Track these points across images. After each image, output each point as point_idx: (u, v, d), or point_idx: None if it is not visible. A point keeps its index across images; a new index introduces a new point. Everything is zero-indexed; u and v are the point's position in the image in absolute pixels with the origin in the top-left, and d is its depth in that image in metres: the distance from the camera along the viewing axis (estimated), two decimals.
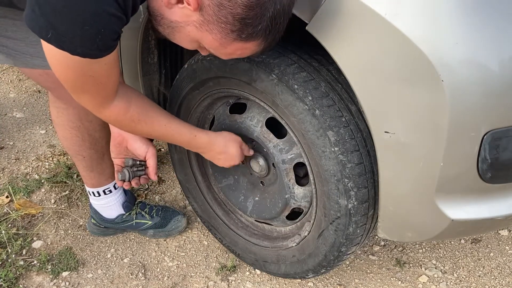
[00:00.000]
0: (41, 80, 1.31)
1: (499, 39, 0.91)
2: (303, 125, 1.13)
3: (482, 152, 0.97)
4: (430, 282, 1.55)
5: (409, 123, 0.99)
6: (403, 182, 1.07)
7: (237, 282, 1.56)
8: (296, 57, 1.15)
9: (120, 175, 1.31)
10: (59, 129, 1.46)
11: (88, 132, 1.44)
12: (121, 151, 1.31)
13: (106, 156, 1.52)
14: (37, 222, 1.76)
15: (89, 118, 1.41)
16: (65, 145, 1.50)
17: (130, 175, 1.32)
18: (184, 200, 1.86)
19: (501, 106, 0.94)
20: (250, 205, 1.45)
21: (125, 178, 1.31)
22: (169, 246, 1.68)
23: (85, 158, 1.50)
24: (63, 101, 1.38)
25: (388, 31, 0.92)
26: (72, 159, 1.54)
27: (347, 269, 1.59)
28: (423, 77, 0.92)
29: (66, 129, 1.43)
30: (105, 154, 1.51)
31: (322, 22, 1.00)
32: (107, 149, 1.51)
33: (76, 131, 1.43)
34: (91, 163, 1.52)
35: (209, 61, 1.26)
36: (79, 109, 1.37)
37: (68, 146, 1.49)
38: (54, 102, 1.41)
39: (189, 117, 1.45)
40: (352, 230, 1.19)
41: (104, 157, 1.52)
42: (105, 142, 1.49)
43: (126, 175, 1.31)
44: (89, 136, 1.45)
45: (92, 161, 1.51)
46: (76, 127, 1.43)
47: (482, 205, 1.06)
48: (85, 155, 1.49)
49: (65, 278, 1.56)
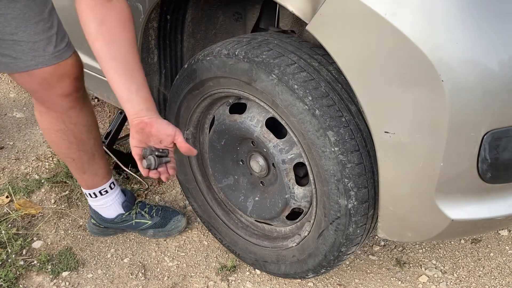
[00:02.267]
0: (24, 83, 1.29)
1: (499, 39, 0.91)
2: (303, 125, 1.13)
3: (482, 152, 0.97)
4: (430, 282, 1.55)
5: (409, 123, 0.99)
6: (403, 182, 1.07)
7: (237, 282, 1.56)
8: (296, 57, 1.15)
9: (146, 162, 1.16)
10: (45, 133, 1.45)
11: (74, 135, 1.42)
12: (143, 138, 1.16)
13: (97, 156, 1.51)
14: (37, 222, 1.76)
15: (72, 121, 1.39)
16: (54, 149, 1.49)
17: (156, 161, 1.16)
18: (184, 200, 1.86)
19: (501, 106, 0.94)
20: (250, 205, 1.45)
21: (151, 165, 1.16)
22: (169, 246, 1.68)
23: (75, 161, 1.49)
24: (45, 105, 1.36)
25: (388, 31, 0.92)
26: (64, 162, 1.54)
27: (347, 269, 1.59)
28: (423, 77, 0.92)
29: (51, 133, 1.42)
30: (95, 154, 1.50)
31: (322, 22, 1.00)
32: (97, 149, 1.50)
33: (62, 133, 1.41)
34: (82, 165, 1.51)
35: (209, 61, 1.26)
36: (61, 112, 1.36)
37: (57, 150, 1.48)
38: (37, 106, 1.39)
39: (189, 117, 1.45)
40: (352, 230, 1.19)
41: (95, 157, 1.50)
42: (93, 142, 1.47)
43: (152, 162, 1.16)
44: (75, 138, 1.43)
45: (83, 163, 1.50)
46: (60, 130, 1.40)
47: (482, 205, 1.06)
48: (74, 157, 1.48)
49: (65, 278, 1.56)
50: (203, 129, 1.51)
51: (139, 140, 1.16)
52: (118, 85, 1.12)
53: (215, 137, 1.43)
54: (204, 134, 1.52)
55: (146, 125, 1.14)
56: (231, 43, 1.24)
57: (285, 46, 1.18)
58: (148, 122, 1.14)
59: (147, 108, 1.14)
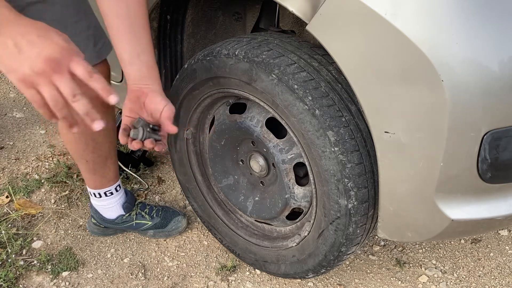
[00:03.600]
0: None
1: (499, 39, 0.91)
2: (303, 125, 1.13)
3: (482, 152, 0.97)
4: (430, 282, 1.55)
5: (409, 123, 0.99)
6: (403, 182, 1.07)
7: (237, 282, 1.56)
8: (296, 57, 1.15)
9: (133, 133, 1.07)
10: (63, 132, 1.46)
11: (91, 137, 1.43)
12: (135, 108, 1.09)
13: (109, 161, 1.52)
14: (37, 222, 1.76)
15: None
16: (69, 148, 1.50)
17: (145, 135, 1.07)
18: (184, 200, 1.86)
19: (501, 106, 0.94)
20: (250, 205, 1.45)
21: (137, 136, 1.07)
22: (169, 246, 1.68)
23: (88, 162, 1.50)
24: None
25: (388, 31, 0.92)
26: (76, 162, 1.54)
27: (347, 269, 1.59)
28: (423, 77, 0.92)
29: (69, 133, 1.43)
30: (108, 158, 1.51)
31: (322, 22, 1.00)
32: (111, 153, 1.50)
33: (80, 134, 1.42)
34: (93, 167, 1.51)
35: (209, 61, 1.26)
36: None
37: (72, 150, 1.49)
38: None
39: (189, 117, 1.45)
40: (352, 230, 1.19)
41: (107, 161, 1.51)
42: (107, 146, 1.48)
43: (139, 133, 1.07)
44: (92, 141, 1.44)
45: (95, 165, 1.51)
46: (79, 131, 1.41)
47: (482, 205, 1.06)
48: (88, 158, 1.48)
49: (65, 278, 1.56)
50: (203, 129, 1.51)
51: (130, 109, 1.08)
52: (121, 45, 1.05)
53: (215, 137, 1.43)
54: (204, 134, 1.52)
55: (142, 94, 1.07)
56: (231, 43, 1.24)
57: (285, 46, 1.18)
58: (145, 91, 1.06)
59: (149, 76, 1.07)
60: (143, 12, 1.07)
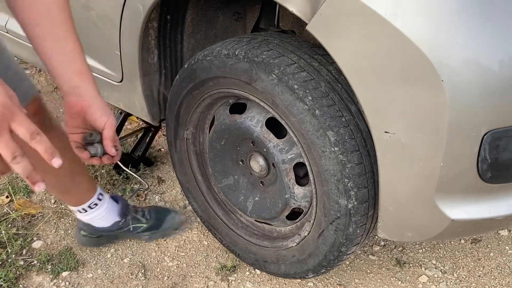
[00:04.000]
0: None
1: (499, 39, 0.91)
2: (303, 125, 1.13)
3: (482, 152, 0.97)
4: (430, 282, 1.55)
5: (409, 123, 0.99)
6: (403, 182, 1.07)
7: (237, 282, 1.56)
8: (296, 57, 1.15)
9: (91, 150, 1.01)
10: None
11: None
12: (78, 123, 0.99)
13: (76, 176, 1.41)
14: (37, 222, 1.76)
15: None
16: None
17: (102, 149, 1.01)
18: (184, 200, 1.86)
19: (501, 106, 0.94)
20: (250, 205, 1.45)
21: (97, 153, 1.02)
22: (169, 246, 1.68)
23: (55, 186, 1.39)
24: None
25: (388, 31, 0.92)
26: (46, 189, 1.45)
27: (347, 269, 1.59)
28: (423, 77, 0.92)
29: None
30: (74, 174, 1.40)
31: (322, 22, 1.00)
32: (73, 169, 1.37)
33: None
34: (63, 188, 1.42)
35: (209, 61, 1.26)
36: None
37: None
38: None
39: (189, 117, 1.45)
40: (352, 230, 1.19)
41: (75, 177, 1.40)
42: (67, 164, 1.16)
43: (98, 150, 1.01)
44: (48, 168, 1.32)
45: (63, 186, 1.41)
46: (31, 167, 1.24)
47: (482, 205, 1.06)
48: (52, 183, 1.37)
49: (65, 278, 1.56)
50: (203, 129, 1.51)
51: (74, 126, 0.99)
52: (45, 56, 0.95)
53: (215, 137, 1.43)
54: (204, 134, 1.52)
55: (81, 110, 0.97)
56: (231, 43, 1.24)
57: (285, 46, 1.18)
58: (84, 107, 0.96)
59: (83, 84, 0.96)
60: (65, 16, 0.97)
